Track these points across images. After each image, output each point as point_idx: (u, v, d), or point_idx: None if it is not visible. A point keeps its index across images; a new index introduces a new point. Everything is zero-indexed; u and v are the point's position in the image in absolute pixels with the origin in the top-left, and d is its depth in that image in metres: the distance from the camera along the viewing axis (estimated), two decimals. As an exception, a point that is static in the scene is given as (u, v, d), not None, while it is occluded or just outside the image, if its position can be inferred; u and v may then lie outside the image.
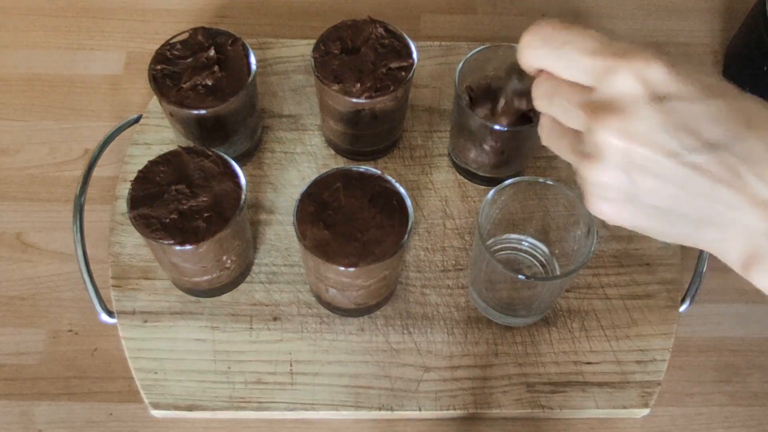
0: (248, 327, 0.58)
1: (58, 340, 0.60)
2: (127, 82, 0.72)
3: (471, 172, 0.64)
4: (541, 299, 0.55)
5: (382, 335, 0.58)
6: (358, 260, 0.50)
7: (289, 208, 0.54)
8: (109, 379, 0.58)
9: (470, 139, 0.60)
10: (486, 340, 0.58)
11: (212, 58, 0.58)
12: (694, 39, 0.78)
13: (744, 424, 0.58)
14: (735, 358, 0.61)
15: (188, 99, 0.57)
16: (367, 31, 0.60)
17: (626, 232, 0.62)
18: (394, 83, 0.58)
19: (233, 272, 0.57)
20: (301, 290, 0.59)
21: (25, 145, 0.69)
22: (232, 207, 0.52)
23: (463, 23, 0.77)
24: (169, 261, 0.54)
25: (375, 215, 0.52)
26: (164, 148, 0.57)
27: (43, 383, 0.58)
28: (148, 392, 0.56)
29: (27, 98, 0.71)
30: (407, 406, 0.55)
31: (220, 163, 0.54)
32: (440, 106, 0.68)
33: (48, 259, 0.63)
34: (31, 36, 0.75)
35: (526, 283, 0.51)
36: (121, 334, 0.57)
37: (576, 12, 0.79)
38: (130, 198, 0.52)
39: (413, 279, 0.60)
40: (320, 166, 0.65)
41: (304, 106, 0.68)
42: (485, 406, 0.56)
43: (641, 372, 0.57)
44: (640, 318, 0.59)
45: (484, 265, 0.53)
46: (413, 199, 0.62)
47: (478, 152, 0.61)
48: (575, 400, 0.56)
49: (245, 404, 0.55)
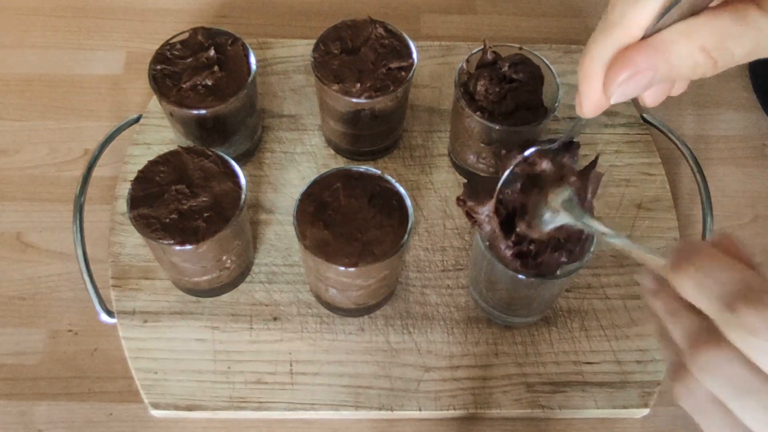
0: (248, 327, 0.58)
1: (58, 340, 0.60)
2: (127, 82, 0.72)
3: (471, 172, 0.64)
4: (541, 299, 0.55)
5: (382, 335, 0.58)
6: (357, 260, 0.50)
7: (289, 208, 0.54)
8: (109, 379, 0.58)
9: (470, 139, 0.60)
10: (486, 340, 0.58)
11: (212, 58, 0.58)
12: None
13: (744, 424, 0.58)
14: (735, 358, 0.61)
15: (188, 99, 0.57)
16: (367, 31, 0.60)
17: (626, 232, 0.62)
18: (394, 83, 0.58)
19: (233, 272, 0.57)
20: (301, 290, 0.59)
21: (25, 145, 0.69)
22: (232, 207, 0.52)
23: (463, 23, 0.77)
24: (169, 261, 0.54)
25: (375, 215, 0.52)
26: (164, 148, 0.57)
27: (43, 383, 0.58)
28: (148, 392, 0.56)
29: (27, 98, 0.71)
30: (407, 406, 0.55)
31: (220, 163, 0.54)
32: (440, 106, 0.68)
33: (48, 259, 0.63)
34: (31, 36, 0.75)
35: (526, 282, 0.51)
36: (121, 334, 0.57)
37: (576, 12, 0.79)
38: (130, 198, 0.52)
39: (413, 279, 0.60)
40: (320, 166, 0.65)
41: (304, 106, 0.68)
42: (485, 406, 0.56)
43: (641, 372, 0.57)
44: (640, 318, 0.59)
45: (484, 265, 0.53)
46: (413, 199, 0.62)
47: (478, 152, 0.61)
48: (575, 400, 0.56)
49: (245, 404, 0.55)
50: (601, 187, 0.64)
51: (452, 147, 0.64)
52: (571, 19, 0.78)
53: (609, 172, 0.65)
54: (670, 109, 0.71)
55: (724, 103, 0.73)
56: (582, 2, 0.79)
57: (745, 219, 0.67)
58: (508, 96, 0.57)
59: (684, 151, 0.65)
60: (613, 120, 0.68)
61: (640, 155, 0.66)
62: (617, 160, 0.66)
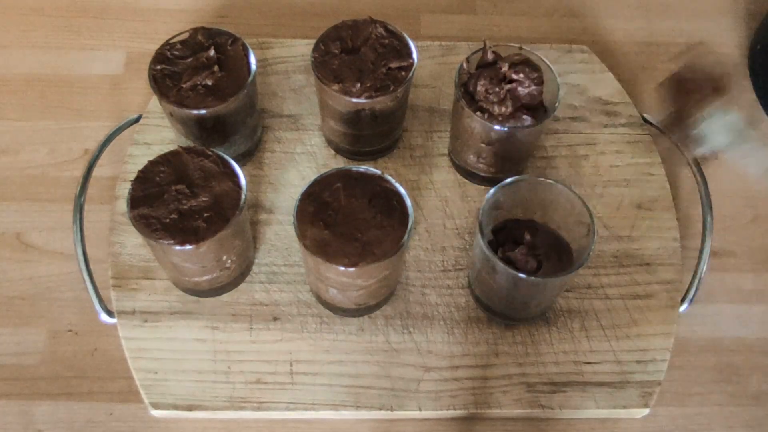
0: (248, 327, 0.58)
1: (58, 340, 0.60)
2: (127, 82, 0.72)
3: (471, 172, 0.64)
4: (542, 298, 0.55)
5: (382, 335, 0.58)
6: (358, 260, 0.50)
7: (289, 208, 0.54)
8: (109, 379, 0.58)
9: (470, 139, 0.60)
10: (486, 340, 0.58)
11: (212, 58, 0.58)
12: (694, 39, 0.78)
13: (744, 424, 0.58)
14: (735, 358, 0.61)
15: (188, 99, 0.57)
16: (367, 31, 0.60)
17: (626, 231, 0.62)
18: (394, 83, 0.58)
19: (233, 272, 0.57)
20: (301, 290, 0.59)
21: (25, 145, 0.69)
22: (232, 207, 0.52)
23: (463, 23, 0.77)
24: (169, 261, 0.54)
25: (375, 215, 0.52)
26: (164, 148, 0.57)
27: (43, 383, 0.58)
28: (148, 392, 0.55)
29: (27, 98, 0.71)
30: (407, 406, 0.55)
31: (220, 163, 0.54)
32: (440, 106, 0.68)
33: (48, 259, 0.63)
34: (31, 36, 0.75)
35: (527, 281, 0.52)
36: (121, 334, 0.57)
37: (576, 12, 0.79)
38: (130, 198, 0.52)
39: (413, 279, 0.60)
40: (320, 166, 0.65)
41: (304, 106, 0.68)
42: (485, 406, 0.56)
43: (641, 372, 0.57)
44: (640, 318, 0.59)
45: (485, 264, 0.53)
46: (413, 199, 0.62)
47: (478, 152, 0.61)
48: (575, 400, 0.56)
49: (245, 404, 0.55)
50: (600, 187, 0.65)
51: (452, 147, 0.64)
52: (571, 19, 0.78)
53: (609, 172, 0.65)
54: (670, 109, 0.71)
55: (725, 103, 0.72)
56: (582, 2, 0.79)
57: (745, 219, 0.67)
58: (508, 96, 0.57)
59: (684, 151, 0.65)
60: (613, 120, 0.68)
61: (640, 155, 0.66)
62: (617, 160, 0.66)
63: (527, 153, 0.63)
